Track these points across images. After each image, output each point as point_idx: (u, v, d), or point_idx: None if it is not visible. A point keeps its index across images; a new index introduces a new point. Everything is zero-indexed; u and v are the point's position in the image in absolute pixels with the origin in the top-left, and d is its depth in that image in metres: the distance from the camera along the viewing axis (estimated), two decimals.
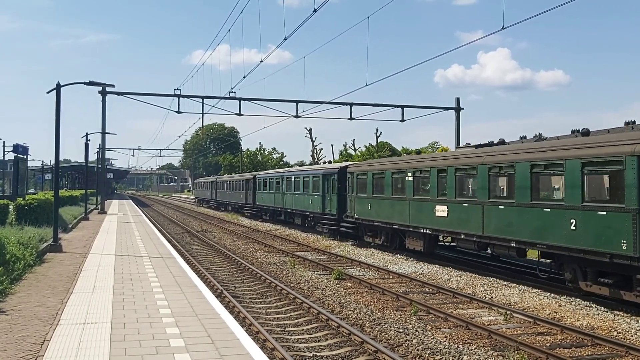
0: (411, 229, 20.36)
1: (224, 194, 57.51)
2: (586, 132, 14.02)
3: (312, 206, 31.15)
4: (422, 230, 19.53)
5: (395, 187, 21.58)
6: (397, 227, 21.41)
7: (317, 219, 30.92)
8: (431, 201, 18.88)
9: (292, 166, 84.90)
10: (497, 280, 16.06)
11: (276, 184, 38.26)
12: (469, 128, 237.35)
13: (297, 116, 40.88)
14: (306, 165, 77.26)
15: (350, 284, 15.95)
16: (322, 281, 16.37)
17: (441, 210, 18.28)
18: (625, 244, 11.47)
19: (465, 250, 20.34)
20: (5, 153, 63.07)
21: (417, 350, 9.69)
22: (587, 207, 12.52)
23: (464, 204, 17.10)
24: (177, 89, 39.99)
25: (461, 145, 23.55)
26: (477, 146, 18.80)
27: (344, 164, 30.97)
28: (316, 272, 18.08)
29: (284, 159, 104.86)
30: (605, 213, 12.07)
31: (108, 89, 35.43)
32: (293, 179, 34.50)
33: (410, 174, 20.45)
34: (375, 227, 23.63)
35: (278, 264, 20.04)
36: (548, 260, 15.23)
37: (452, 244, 21.14)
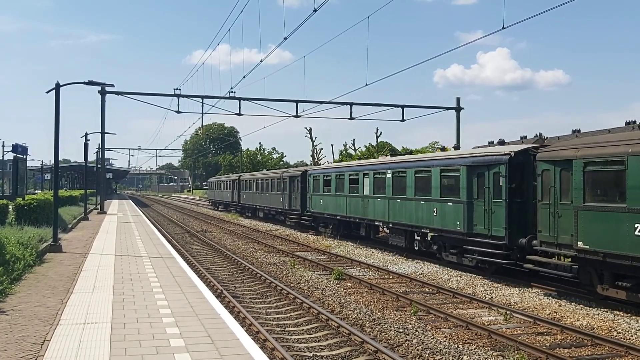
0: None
1: (253, 197, 45.28)
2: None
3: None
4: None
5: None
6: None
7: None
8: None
9: (292, 166, 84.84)
10: (497, 280, 16.06)
11: (349, 183, 26.31)
12: (468, 128, 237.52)
13: (297, 116, 40.87)
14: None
15: (350, 284, 15.95)
16: (322, 281, 16.37)
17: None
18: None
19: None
20: (5, 153, 63.11)
21: (417, 350, 9.69)
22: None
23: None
24: (177, 89, 40.02)
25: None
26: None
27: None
28: (316, 272, 18.08)
29: (284, 159, 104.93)
30: (451, 204, 17.78)
31: (107, 88, 35.44)
32: (391, 174, 22.42)
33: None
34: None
35: (278, 264, 20.04)
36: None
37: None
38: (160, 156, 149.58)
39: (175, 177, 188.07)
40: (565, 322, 11.54)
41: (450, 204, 17.74)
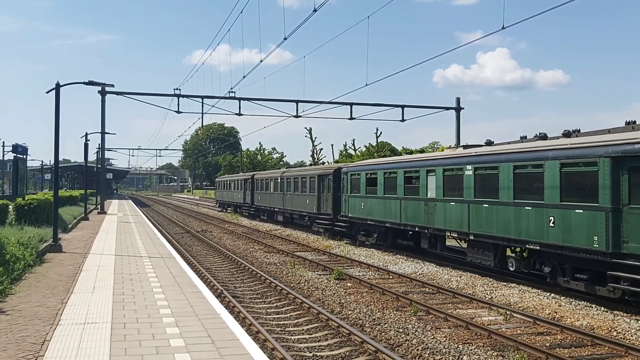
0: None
1: (270, 198, 40.10)
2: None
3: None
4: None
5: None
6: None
7: None
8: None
9: (292, 166, 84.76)
10: (497, 280, 16.07)
11: (404, 182, 21.29)
12: (468, 128, 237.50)
13: (297, 116, 40.87)
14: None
15: (350, 284, 15.95)
16: (322, 281, 16.38)
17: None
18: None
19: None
20: (5, 153, 63.13)
21: (417, 350, 9.69)
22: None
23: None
24: (177, 89, 40.04)
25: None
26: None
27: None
28: (316, 272, 18.08)
29: (284, 159, 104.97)
30: (581, 211, 13.29)
31: (107, 88, 35.43)
32: (472, 171, 17.13)
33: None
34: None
35: (278, 264, 20.04)
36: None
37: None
38: (160, 156, 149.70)
39: (175, 177, 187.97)
40: (565, 322, 11.54)
41: (580, 210, 13.08)
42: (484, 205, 16.24)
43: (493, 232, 15.86)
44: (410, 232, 22.00)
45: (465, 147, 18.83)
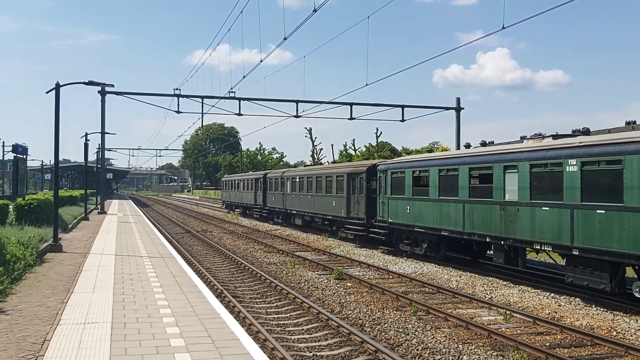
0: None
1: (287, 199, 36.20)
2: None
3: None
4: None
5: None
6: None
7: None
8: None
9: (292, 166, 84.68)
10: (497, 280, 16.08)
11: (469, 182, 17.58)
12: (468, 128, 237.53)
13: (297, 116, 40.87)
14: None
15: (350, 284, 15.96)
16: (322, 281, 16.38)
17: None
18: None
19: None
20: (5, 153, 63.15)
21: (417, 350, 9.70)
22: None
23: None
24: (177, 89, 40.04)
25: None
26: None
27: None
28: (316, 272, 18.09)
29: (284, 159, 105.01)
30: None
31: (107, 88, 35.39)
32: (578, 167, 13.47)
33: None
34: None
35: (278, 264, 20.05)
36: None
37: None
38: (160, 156, 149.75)
39: (176, 177, 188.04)
40: (565, 322, 11.55)
41: None
42: (598, 211, 12.61)
43: (613, 246, 12.24)
44: (475, 243, 18.28)
45: (556, 137, 15.21)
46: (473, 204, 17.10)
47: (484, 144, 19.07)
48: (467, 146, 19.95)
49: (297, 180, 34.36)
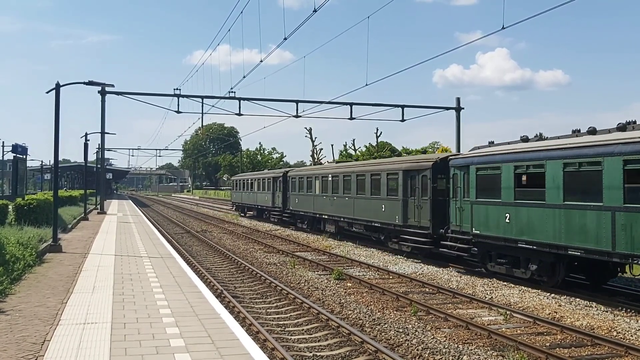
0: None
1: (317, 202, 30.77)
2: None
3: None
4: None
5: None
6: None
7: None
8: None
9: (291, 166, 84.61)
10: (497, 280, 16.06)
11: (625, 176, 12.18)
12: (468, 128, 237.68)
13: (297, 116, 40.89)
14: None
15: (350, 284, 15.95)
16: (322, 281, 16.37)
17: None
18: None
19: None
20: (5, 153, 63.11)
21: (417, 350, 9.69)
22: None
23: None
24: (177, 89, 40.09)
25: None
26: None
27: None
28: (316, 272, 18.08)
29: (284, 159, 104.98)
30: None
31: (107, 88, 35.42)
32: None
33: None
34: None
35: (278, 264, 20.03)
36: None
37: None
38: (160, 156, 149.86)
39: (175, 177, 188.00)
40: (565, 322, 11.54)
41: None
42: None
43: None
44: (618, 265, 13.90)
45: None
46: (633, 213, 11.85)
47: (592, 132, 13.80)
48: (622, 128, 13.22)
49: (331, 179, 28.86)
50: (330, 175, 29.17)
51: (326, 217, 29.48)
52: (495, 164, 16.12)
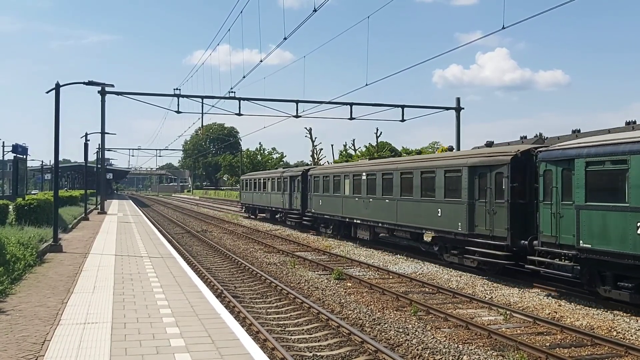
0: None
1: (347, 204, 26.39)
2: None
3: None
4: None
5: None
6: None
7: None
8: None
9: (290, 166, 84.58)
10: (497, 280, 16.06)
11: None
12: (468, 128, 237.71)
13: (297, 116, 40.89)
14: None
15: (350, 284, 15.96)
16: (322, 281, 16.38)
17: None
18: None
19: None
20: (5, 153, 63.15)
21: (417, 350, 9.70)
22: None
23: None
24: (177, 89, 40.07)
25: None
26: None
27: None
28: (316, 272, 18.08)
29: (284, 159, 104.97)
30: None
31: (107, 88, 35.40)
32: None
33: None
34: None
35: (278, 264, 20.04)
36: None
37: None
38: (160, 156, 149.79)
39: (175, 177, 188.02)
40: (565, 322, 11.54)
41: None
42: None
43: None
44: None
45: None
46: None
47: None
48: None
49: (365, 177, 24.55)
50: (364, 174, 24.78)
51: (358, 221, 25.16)
52: (621, 155, 12.16)
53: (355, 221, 25.57)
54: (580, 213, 12.89)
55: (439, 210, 18.63)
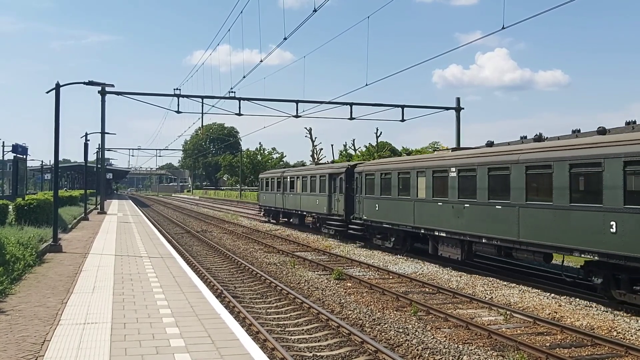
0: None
1: (426, 210, 19.56)
2: None
3: None
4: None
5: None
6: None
7: None
8: None
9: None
10: (497, 280, 16.06)
11: None
12: (467, 128, 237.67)
13: (297, 116, 40.87)
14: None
15: (350, 284, 15.95)
16: (322, 281, 16.37)
17: None
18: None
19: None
20: (5, 153, 63.13)
21: (417, 350, 9.69)
22: None
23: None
24: (177, 89, 40.07)
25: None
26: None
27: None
28: (316, 272, 18.08)
29: (284, 159, 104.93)
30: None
31: (107, 88, 35.44)
32: None
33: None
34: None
35: (278, 264, 20.03)
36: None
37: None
38: (160, 156, 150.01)
39: (175, 177, 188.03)
40: (565, 322, 11.54)
41: None
42: None
43: None
44: None
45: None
46: None
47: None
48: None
49: (456, 174, 17.91)
50: (454, 169, 18.02)
51: (443, 234, 18.56)
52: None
53: (435, 233, 19.04)
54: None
55: (613, 224, 11.90)
